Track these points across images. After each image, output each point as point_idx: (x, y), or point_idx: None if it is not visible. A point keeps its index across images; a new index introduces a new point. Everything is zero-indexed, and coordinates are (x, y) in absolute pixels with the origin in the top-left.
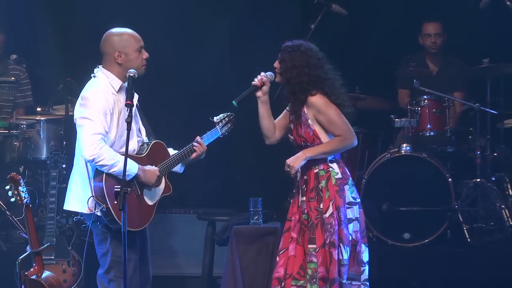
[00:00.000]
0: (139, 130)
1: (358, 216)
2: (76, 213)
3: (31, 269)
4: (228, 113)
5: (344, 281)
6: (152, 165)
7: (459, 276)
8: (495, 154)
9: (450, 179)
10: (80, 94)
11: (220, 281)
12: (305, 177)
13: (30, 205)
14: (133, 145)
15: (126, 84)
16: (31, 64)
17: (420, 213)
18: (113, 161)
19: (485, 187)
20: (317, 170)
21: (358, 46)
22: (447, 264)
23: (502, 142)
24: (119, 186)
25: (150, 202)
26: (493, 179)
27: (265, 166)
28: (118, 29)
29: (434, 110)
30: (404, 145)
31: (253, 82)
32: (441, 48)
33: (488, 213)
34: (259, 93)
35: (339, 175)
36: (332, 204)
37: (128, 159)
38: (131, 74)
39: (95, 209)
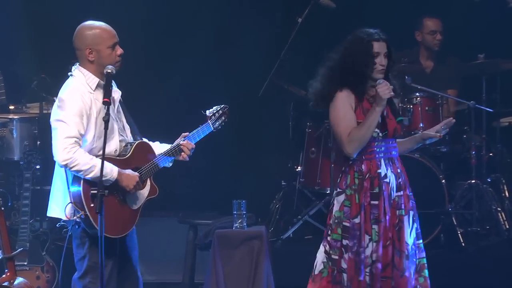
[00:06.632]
0: (123, 129)
1: None
2: (58, 219)
3: (3, 276)
4: (222, 106)
5: None
6: (135, 168)
7: (453, 282)
8: (491, 154)
9: (443, 181)
10: (58, 96)
11: None
12: (399, 171)
13: (2, 208)
14: (115, 145)
15: (103, 81)
16: (3, 60)
17: None
18: (88, 166)
19: (481, 189)
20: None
21: None
22: (441, 269)
23: (498, 142)
24: (96, 188)
25: (134, 207)
26: (489, 180)
27: (249, 167)
28: (91, 23)
29: (427, 108)
30: None
31: (392, 94)
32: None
33: (484, 216)
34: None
35: None
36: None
37: (107, 163)
38: (109, 70)
39: (74, 216)
